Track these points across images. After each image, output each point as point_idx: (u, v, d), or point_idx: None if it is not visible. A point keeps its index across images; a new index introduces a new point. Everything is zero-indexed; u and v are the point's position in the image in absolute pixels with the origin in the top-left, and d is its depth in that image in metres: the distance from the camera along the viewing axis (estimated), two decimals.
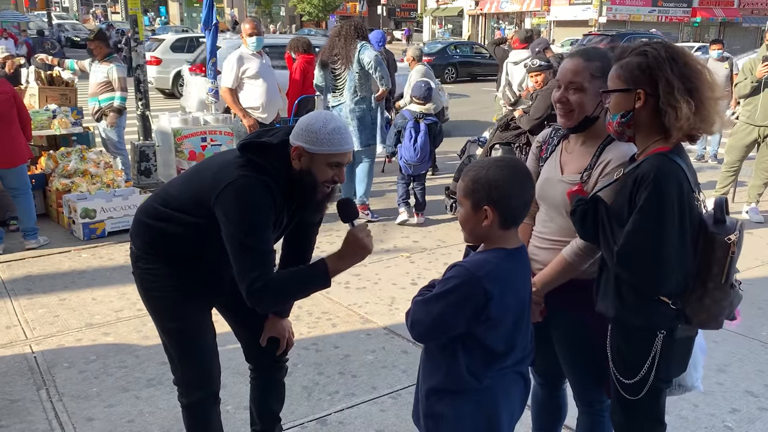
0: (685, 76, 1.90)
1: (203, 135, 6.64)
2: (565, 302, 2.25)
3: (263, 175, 2.16)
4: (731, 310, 1.98)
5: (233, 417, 3.16)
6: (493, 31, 47.35)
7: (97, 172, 6.26)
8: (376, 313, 4.33)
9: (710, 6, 43.02)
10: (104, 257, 5.35)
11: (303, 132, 2.17)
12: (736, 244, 1.88)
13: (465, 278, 1.80)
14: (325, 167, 2.20)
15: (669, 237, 1.86)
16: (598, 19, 36.65)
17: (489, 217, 1.82)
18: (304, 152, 2.18)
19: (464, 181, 1.87)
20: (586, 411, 2.42)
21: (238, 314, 2.65)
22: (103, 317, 4.24)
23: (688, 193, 1.90)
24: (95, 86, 6.91)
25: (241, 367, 3.60)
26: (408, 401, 3.23)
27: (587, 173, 2.17)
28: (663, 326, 1.96)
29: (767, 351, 3.85)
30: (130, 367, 3.61)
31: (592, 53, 2.19)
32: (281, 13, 56.20)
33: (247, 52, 5.98)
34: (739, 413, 3.24)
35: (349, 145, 2.22)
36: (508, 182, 1.82)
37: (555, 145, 2.37)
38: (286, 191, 2.22)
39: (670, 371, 2.04)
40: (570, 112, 2.18)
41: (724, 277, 1.90)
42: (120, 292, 4.64)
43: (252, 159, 2.19)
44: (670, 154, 1.91)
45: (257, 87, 5.96)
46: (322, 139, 2.15)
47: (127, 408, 3.23)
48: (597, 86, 2.13)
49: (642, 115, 1.95)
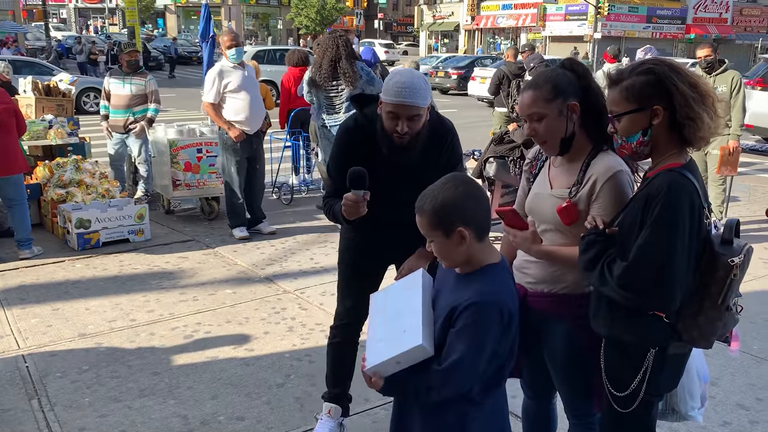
0: (693, 85, 1.91)
1: (199, 146, 6.65)
2: (556, 316, 2.26)
3: (353, 119, 2.71)
4: (724, 331, 1.97)
5: (225, 428, 3.16)
6: (489, 46, 47.68)
7: (92, 183, 6.27)
8: None
9: (704, 23, 43.40)
10: (98, 267, 5.35)
11: (384, 83, 2.51)
12: (739, 267, 1.86)
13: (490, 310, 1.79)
14: (387, 117, 2.50)
15: (680, 252, 1.84)
16: (593, 34, 36.93)
17: (466, 237, 1.83)
18: (380, 101, 2.52)
19: (425, 217, 1.86)
20: (577, 423, 2.42)
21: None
22: (96, 327, 4.23)
23: (699, 209, 1.89)
24: (127, 98, 6.95)
25: (234, 379, 3.60)
26: None
27: (575, 189, 2.18)
28: (656, 343, 1.96)
29: (758, 365, 3.87)
30: (122, 377, 3.61)
31: (539, 80, 2.21)
32: (278, 26, 56.45)
33: (228, 65, 5.90)
34: (731, 426, 3.25)
35: (407, 99, 2.43)
36: (464, 197, 1.84)
37: (544, 161, 2.39)
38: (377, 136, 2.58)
39: (660, 386, 2.04)
40: (544, 143, 2.22)
41: (722, 298, 1.89)
42: (113, 302, 4.64)
43: (356, 109, 2.74)
44: (682, 170, 1.91)
45: (239, 100, 5.88)
46: (386, 89, 2.47)
47: (119, 418, 3.22)
48: (556, 107, 2.15)
49: (659, 131, 1.94)
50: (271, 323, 4.34)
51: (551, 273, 2.25)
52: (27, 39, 33.00)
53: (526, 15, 44.08)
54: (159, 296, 4.76)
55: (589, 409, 2.35)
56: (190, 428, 3.15)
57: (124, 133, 7.03)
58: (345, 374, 3.06)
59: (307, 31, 49.89)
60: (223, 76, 5.85)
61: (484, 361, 1.82)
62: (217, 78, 5.84)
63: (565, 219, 2.17)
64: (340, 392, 3.06)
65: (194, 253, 5.76)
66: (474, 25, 48.81)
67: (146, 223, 6.07)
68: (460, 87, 23.59)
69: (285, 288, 4.96)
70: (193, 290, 4.89)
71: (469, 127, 14.30)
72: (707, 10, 43.87)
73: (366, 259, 2.92)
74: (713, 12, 44.08)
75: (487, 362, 1.83)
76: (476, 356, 1.79)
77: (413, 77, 2.46)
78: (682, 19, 43.31)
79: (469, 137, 12.02)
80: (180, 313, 4.47)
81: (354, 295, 2.93)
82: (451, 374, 1.79)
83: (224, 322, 4.34)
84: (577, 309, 2.24)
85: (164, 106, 8.25)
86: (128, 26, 7.72)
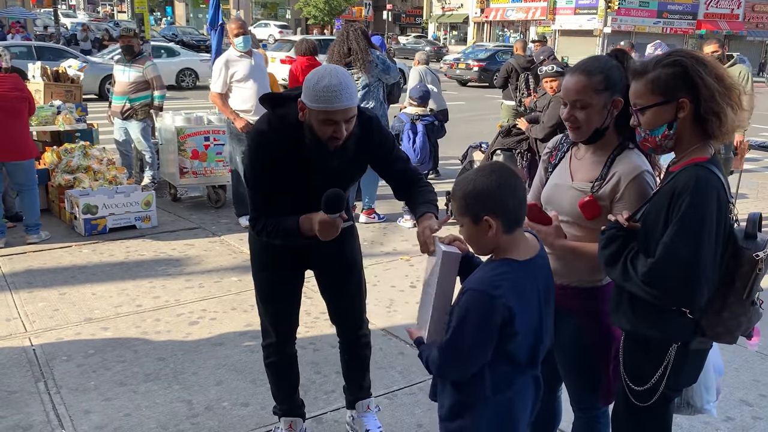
0: (719, 78, 1.87)
1: (206, 134, 6.66)
2: (567, 308, 2.24)
3: (265, 123, 2.42)
4: (749, 326, 1.95)
5: (229, 413, 3.18)
6: (498, 38, 47.45)
7: (100, 169, 6.29)
8: (374, 315, 4.34)
9: (715, 19, 43.09)
10: (105, 253, 5.37)
11: (304, 87, 2.28)
12: (764, 261, 1.84)
13: (483, 302, 1.77)
14: (322, 124, 2.27)
15: (707, 249, 1.81)
16: (602, 29, 36.72)
17: (492, 226, 1.81)
18: (305, 107, 2.29)
19: (456, 201, 1.86)
20: (582, 416, 2.42)
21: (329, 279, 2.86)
22: (102, 312, 4.26)
23: (725, 204, 1.86)
24: (126, 85, 6.98)
25: (238, 365, 3.62)
26: (404, 402, 3.25)
27: (598, 184, 2.15)
28: (678, 338, 1.94)
29: (762, 361, 3.86)
30: (128, 362, 3.63)
31: (592, 67, 2.15)
32: (287, 15, 56.33)
33: (235, 54, 5.86)
34: (734, 422, 3.25)
35: (341, 103, 2.21)
36: (497, 187, 1.81)
37: (564, 152, 2.36)
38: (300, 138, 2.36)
39: (679, 381, 2.02)
40: (578, 129, 2.17)
41: (746, 293, 1.86)
42: (120, 287, 4.66)
43: (268, 111, 2.45)
44: (708, 164, 1.87)
45: (246, 90, 5.85)
46: (314, 95, 2.23)
47: (124, 402, 3.25)
48: (603, 99, 2.11)
49: (684, 124, 1.91)
50: None
51: (563, 264, 2.22)
52: (36, 25, 33.03)
53: (536, 8, 43.84)
54: (165, 282, 4.79)
55: (594, 403, 2.35)
56: (194, 413, 3.17)
57: (123, 119, 7.05)
58: (291, 388, 2.94)
59: (316, 22, 49.78)
60: (230, 65, 5.83)
61: (473, 352, 1.80)
62: (224, 68, 5.83)
63: (587, 214, 2.14)
64: (292, 405, 2.95)
65: (200, 240, 5.78)
66: (483, 17, 48.58)
67: (153, 210, 6.09)
68: (481, 79, 23.47)
69: None
70: (198, 277, 4.91)
71: (476, 120, 14.29)
72: (719, 6, 43.56)
73: (289, 265, 2.70)
74: (725, 8, 43.76)
75: (477, 354, 1.81)
76: (461, 345, 1.80)
77: (340, 76, 2.24)
78: (693, 14, 43.01)
79: (477, 130, 12.00)
80: (185, 300, 4.49)
81: (281, 308, 2.78)
82: (443, 355, 1.84)
83: (229, 309, 4.35)
84: (588, 302, 2.24)
85: (171, 94, 8.23)
86: (137, 13, 7.69)
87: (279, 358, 2.85)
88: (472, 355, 1.81)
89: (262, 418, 3.15)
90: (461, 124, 12.72)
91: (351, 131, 2.35)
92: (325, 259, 2.73)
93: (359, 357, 2.96)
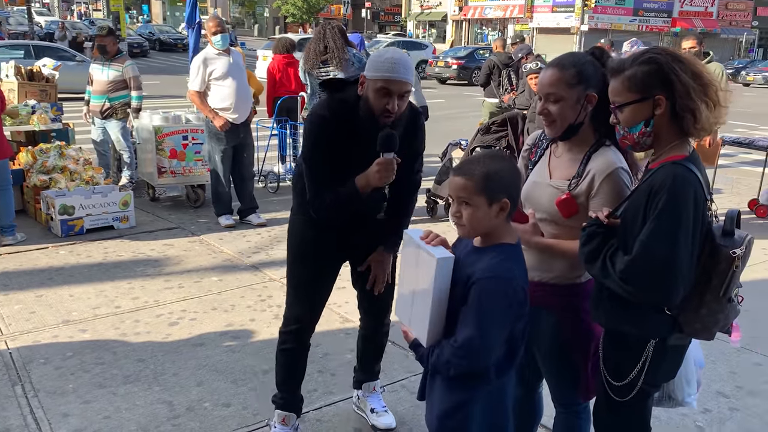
0: (696, 75, 1.88)
1: (184, 133, 6.60)
2: (546, 306, 2.25)
3: (326, 108, 2.53)
4: (726, 323, 1.96)
5: (211, 414, 3.15)
6: (476, 36, 47.63)
7: (76, 169, 6.20)
8: (355, 313, 4.32)
9: (689, 17, 43.65)
10: (82, 254, 5.30)
11: (369, 61, 2.45)
12: (740, 259, 1.84)
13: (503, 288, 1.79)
14: (377, 95, 2.41)
15: (683, 247, 1.82)
16: (580, 26, 36.99)
17: (505, 209, 1.84)
18: (365, 79, 2.45)
19: (473, 179, 1.83)
20: (563, 411, 2.44)
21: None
22: (80, 314, 4.20)
23: (702, 202, 1.87)
24: (105, 84, 6.89)
25: (219, 365, 3.60)
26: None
27: (575, 181, 2.16)
28: (656, 334, 1.95)
29: (739, 353, 3.92)
30: (107, 364, 3.59)
31: (566, 62, 2.17)
32: (265, 14, 56.00)
33: (213, 52, 5.81)
34: (711, 414, 3.30)
35: (398, 74, 2.38)
36: (512, 172, 1.87)
37: (544, 149, 2.37)
38: (356, 120, 2.48)
39: (658, 377, 2.04)
40: (552, 123, 2.18)
41: (724, 290, 1.87)
42: (98, 289, 4.60)
43: (328, 94, 2.59)
44: (686, 162, 1.88)
45: (225, 87, 5.80)
46: (373, 66, 2.41)
47: (103, 404, 3.21)
48: (576, 94, 2.12)
49: (661, 121, 1.91)
50: (257, 311, 4.33)
51: (541, 261, 2.23)
52: (9, 24, 32.44)
53: (513, 6, 44.04)
54: (144, 283, 4.74)
55: (575, 398, 2.37)
56: (175, 414, 3.14)
57: (102, 118, 6.97)
58: (298, 380, 2.96)
59: (294, 20, 49.58)
60: (208, 63, 5.78)
61: (498, 338, 1.82)
62: (202, 66, 5.78)
63: (564, 211, 2.15)
64: (293, 398, 2.96)
65: (180, 240, 5.73)
66: (462, 15, 48.71)
67: (131, 210, 6.02)
68: (460, 77, 23.59)
69: (271, 276, 4.95)
70: (178, 277, 4.87)
71: (457, 117, 14.33)
72: (693, 4, 44.15)
73: (330, 256, 2.80)
74: (699, 6, 44.37)
75: (500, 339, 1.83)
76: (489, 333, 1.79)
77: (402, 54, 2.47)
78: (668, 12, 43.53)
79: (456, 128, 12.03)
80: (165, 300, 4.45)
81: (312, 298, 2.84)
82: (465, 351, 1.81)
83: (210, 310, 4.32)
84: (567, 299, 2.25)
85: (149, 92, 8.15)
86: (113, 11, 7.62)
87: (296, 345, 2.90)
88: (498, 341, 1.83)
89: (244, 418, 3.13)
90: (441, 122, 12.75)
91: (402, 112, 2.49)
92: (363, 252, 2.82)
93: (380, 343, 3.11)
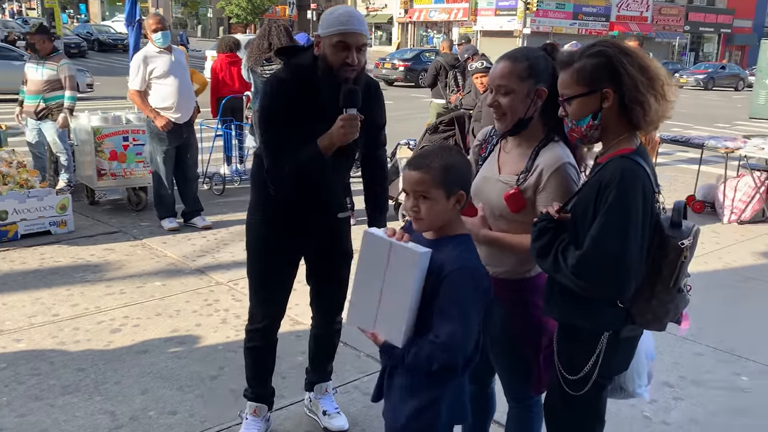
0: (643, 68, 1.89)
1: (125, 134, 6.39)
2: (498, 300, 2.25)
3: (284, 71, 2.52)
4: (676, 312, 1.99)
5: (156, 422, 3.04)
6: (422, 39, 48.01)
7: (9, 172, 5.91)
8: (306, 315, 4.26)
9: (626, 21, 45.10)
10: (16, 261, 5.06)
11: (321, 20, 2.45)
12: (688, 249, 1.86)
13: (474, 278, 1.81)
14: (334, 50, 2.39)
15: (633, 241, 1.82)
16: (522, 30, 37.73)
17: (460, 202, 1.85)
18: (319, 39, 2.43)
19: (430, 172, 1.83)
20: (516, 406, 2.44)
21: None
22: (14, 323, 4.00)
23: (651, 194, 1.89)
24: (40, 84, 6.59)
25: (165, 372, 3.48)
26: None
27: (523, 176, 2.17)
28: (609, 327, 1.96)
29: (682, 344, 4.03)
30: (43, 375, 3.41)
31: (519, 55, 2.17)
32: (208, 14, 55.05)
33: (153, 50, 5.64)
34: (657, 404, 3.37)
35: (354, 26, 2.39)
36: (466, 165, 1.89)
37: (494, 145, 2.37)
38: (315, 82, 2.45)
39: (611, 369, 2.05)
40: (503, 116, 2.18)
41: (673, 281, 1.89)
42: (33, 296, 4.39)
43: (284, 61, 2.57)
44: (634, 156, 1.89)
45: (167, 86, 5.64)
46: (327, 23, 2.40)
47: (40, 417, 3.05)
48: (526, 87, 2.13)
49: (609, 115, 1.92)
50: (203, 315, 4.21)
51: (491, 255, 2.23)
52: None
53: (458, 9, 44.63)
54: (83, 290, 4.55)
55: (527, 392, 2.37)
56: (118, 424, 3.01)
57: (37, 119, 6.68)
58: (267, 374, 2.96)
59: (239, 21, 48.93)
60: (149, 61, 5.60)
61: (476, 327, 1.82)
62: (143, 64, 5.60)
63: (512, 206, 2.15)
64: (264, 390, 2.96)
65: (121, 244, 5.54)
66: (407, 18, 49.04)
67: (69, 214, 5.79)
68: (407, 79, 23.75)
69: (218, 279, 4.83)
70: (120, 283, 4.69)
71: (405, 119, 14.37)
72: (629, 9, 45.65)
73: (287, 252, 2.75)
74: (635, 10, 45.92)
75: (476, 329, 1.83)
76: (469, 324, 1.80)
77: (354, 9, 2.49)
78: (606, 16, 44.88)
79: (404, 129, 12.05)
80: (106, 307, 4.28)
81: (276, 293, 2.80)
82: (449, 344, 1.79)
83: (153, 315, 4.18)
84: (516, 294, 2.25)
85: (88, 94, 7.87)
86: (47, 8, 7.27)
87: (263, 343, 2.88)
88: (475, 331, 1.84)
89: (191, 425, 3.03)
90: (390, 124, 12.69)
91: (362, 66, 2.47)
92: (321, 248, 2.80)
93: (331, 343, 3.07)
